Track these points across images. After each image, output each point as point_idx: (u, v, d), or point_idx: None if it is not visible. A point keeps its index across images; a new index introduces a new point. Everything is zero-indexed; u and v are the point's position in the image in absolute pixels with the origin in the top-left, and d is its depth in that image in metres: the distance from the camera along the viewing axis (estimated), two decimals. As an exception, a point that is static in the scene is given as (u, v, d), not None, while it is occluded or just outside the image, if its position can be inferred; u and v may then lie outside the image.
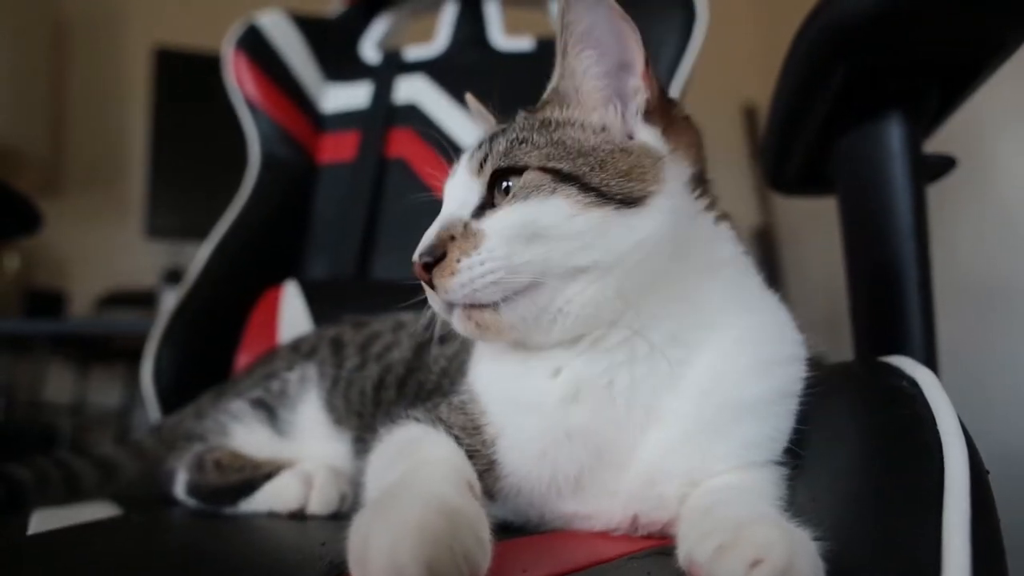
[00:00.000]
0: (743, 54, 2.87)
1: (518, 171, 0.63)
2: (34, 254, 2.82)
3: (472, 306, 0.62)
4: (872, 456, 0.55)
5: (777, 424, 0.63)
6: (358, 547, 0.44)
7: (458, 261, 0.60)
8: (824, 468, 0.59)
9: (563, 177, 0.62)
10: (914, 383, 0.58)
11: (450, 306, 0.63)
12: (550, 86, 0.70)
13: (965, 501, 0.45)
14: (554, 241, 0.60)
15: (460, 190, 0.66)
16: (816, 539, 0.46)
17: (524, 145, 0.64)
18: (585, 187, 0.61)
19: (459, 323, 0.63)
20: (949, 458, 0.48)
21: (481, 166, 0.65)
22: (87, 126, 3.01)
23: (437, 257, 0.61)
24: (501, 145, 0.65)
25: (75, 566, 0.56)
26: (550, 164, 0.62)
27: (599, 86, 0.66)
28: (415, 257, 0.62)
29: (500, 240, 0.60)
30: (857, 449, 0.57)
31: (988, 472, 0.50)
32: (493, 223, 0.62)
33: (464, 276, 0.60)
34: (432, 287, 0.62)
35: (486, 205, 0.64)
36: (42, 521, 0.70)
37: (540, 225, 0.60)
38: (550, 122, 0.67)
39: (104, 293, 2.77)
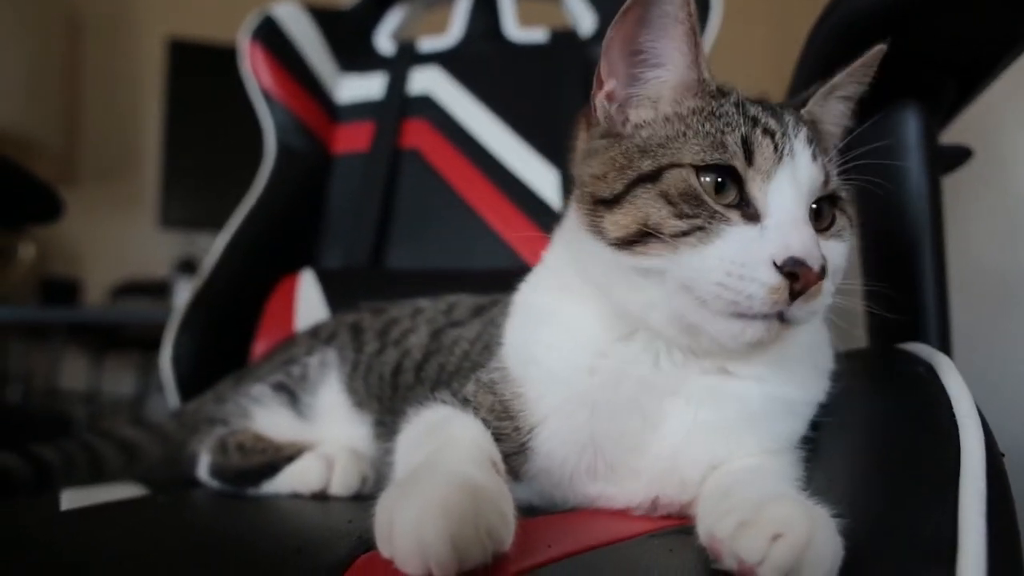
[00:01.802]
0: (757, 48, 2.87)
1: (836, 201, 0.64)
2: (49, 243, 2.85)
3: (787, 322, 0.57)
4: (890, 438, 0.56)
5: (805, 423, 0.66)
6: (384, 525, 0.46)
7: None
8: (842, 450, 0.61)
9: (851, 220, 0.65)
10: (930, 368, 0.59)
11: (762, 317, 0.56)
12: (810, 108, 0.68)
13: (981, 481, 0.46)
14: (837, 279, 0.61)
15: (804, 175, 0.59)
16: (834, 516, 0.48)
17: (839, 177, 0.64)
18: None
19: (756, 331, 0.57)
20: (965, 440, 0.49)
21: (825, 175, 0.61)
22: (101, 117, 3.03)
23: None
24: (831, 167, 0.63)
25: (109, 540, 0.58)
26: (849, 209, 0.65)
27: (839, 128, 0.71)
28: (811, 261, 0.54)
29: (832, 278, 0.59)
30: (875, 432, 0.59)
31: (1003, 455, 0.51)
32: (830, 256, 0.58)
33: (823, 301, 0.57)
34: (792, 296, 0.55)
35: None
36: (72, 499, 0.72)
37: (843, 267, 0.62)
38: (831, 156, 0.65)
39: (118, 283, 2.79)
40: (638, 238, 0.59)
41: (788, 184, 0.58)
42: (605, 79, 0.65)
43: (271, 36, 1.58)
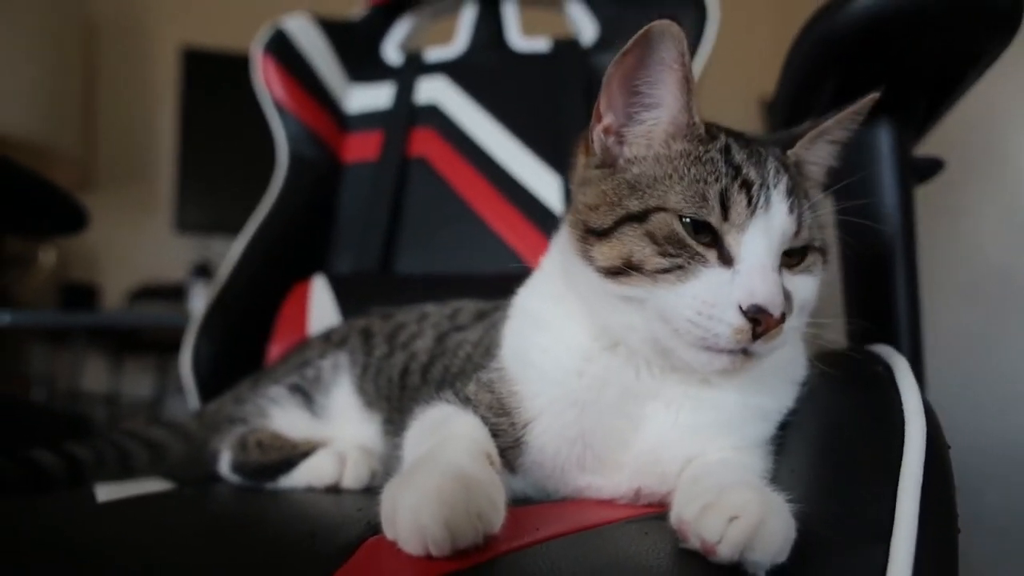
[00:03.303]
0: (761, 51, 2.91)
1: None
2: (68, 249, 2.92)
3: (750, 355, 0.63)
4: (845, 432, 0.62)
5: (775, 426, 0.71)
6: (388, 510, 0.53)
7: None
8: (804, 444, 0.66)
9: (824, 259, 0.70)
10: (888, 368, 0.65)
11: (728, 351, 0.62)
12: (796, 151, 0.72)
13: (919, 469, 0.52)
14: (807, 310, 0.67)
15: (777, 227, 0.64)
16: (789, 502, 0.54)
17: (815, 221, 0.68)
18: (825, 263, 0.70)
19: (722, 363, 0.63)
20: (909, 434, 0.55)
21: (799, 224, 0.65)
22: (117, 125, 3.10)
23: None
24: (807, 215, 0.67)
25: (146, 526, 0.64)
26: (824, 245, 0.69)
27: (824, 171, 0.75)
28: (773, 309, 0.60)
29: (799, 311, 0.65)
30: (833, 425, 0.65)
31: (949, 447, 0.57)
32: (797, 290, 0.65)
33: (783, 337, 0.62)
34: (754, 336, 0.60)
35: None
36: (106, 493, 0.78)
37: (812, 298, 0.67)
38: (813, 201, 0.70)
39: (135, 287, 2.86)
40: (622, 270, 0.64)
41: (761, 235, 0.63)
42: (604, 113, 0.70)
43: (282, 49, 1.63)
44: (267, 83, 1.63)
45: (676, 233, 0.63)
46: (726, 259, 0.62)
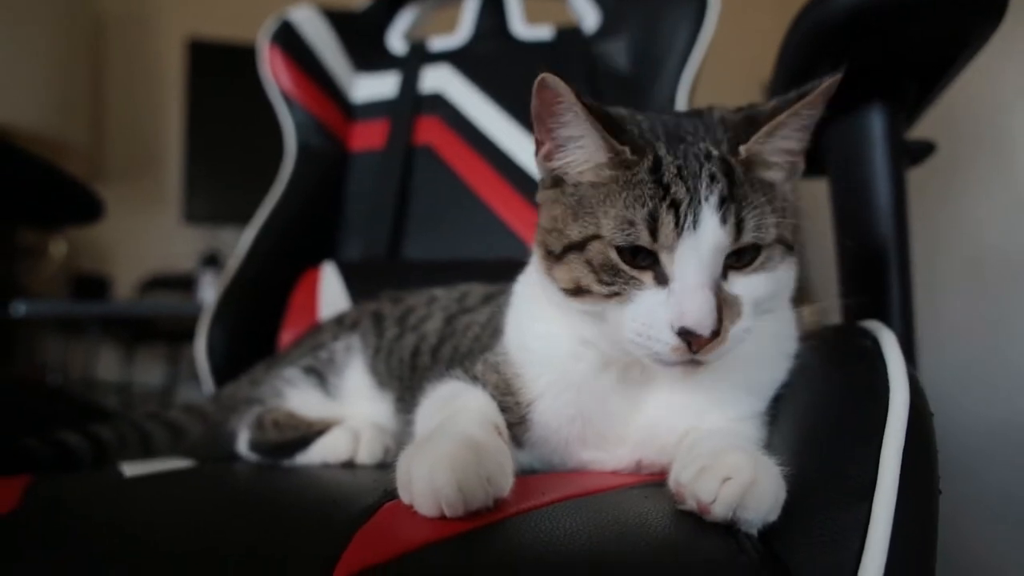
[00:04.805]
0: (763, 36, 2.92)
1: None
2: (78, 241, 2.96)
3: (699, 363, 0.64)
4: (833, 401, 0.66)
5: (767, 399, 0.75)
6: (404, 475, 0.57)
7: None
8: (794, 413, 0.70)
9: (787, 247, 0.68)
10: (876, 341, 0.68)
11: (674, 363, 0.64)
12: (749, 147, 0.67)
13: (901, 434, 0.55)
14: (773, 301, 0.69)
15: (708, 243, 0.63)
16: (780, 465, 0.57)
17: (765, 218, 0.65)
18: (791, 248, 0.69)
19: (674, 372, 0.67)
20: (893, 401, 0.59)
21: (738, 230, 0.64)
22: (125, 117, 3.12)
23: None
24: (752, 217, 0.64)
25: (172, 498, 0.68)
26: (783, 235, 0.67)
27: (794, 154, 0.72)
28: (701, 331, 0.61)
29: (750, 308, 0.65)
30: (822, 396, 0.68)
31: (932, 415, 0.60)
32: (746, 290, 0.65)
33: (729, 345, 0.63)
34: (692, 351, 0.62)
35: (728, 267, 0.65)
36: (132, 470, 0.82)
37: (773, 292, 0.68)
38: (771, 187, 0.68)
39: (145, 277, 2.90)
40: (576, 292, 0.68)
41: (691, 253, 0.63)
42: (542, 141, 0.71)
43: (289, 40, 1.65)
44: (274, 74, 1.66)
45: (610, 260, 0.65)
46: (662, 279, 0.64)
